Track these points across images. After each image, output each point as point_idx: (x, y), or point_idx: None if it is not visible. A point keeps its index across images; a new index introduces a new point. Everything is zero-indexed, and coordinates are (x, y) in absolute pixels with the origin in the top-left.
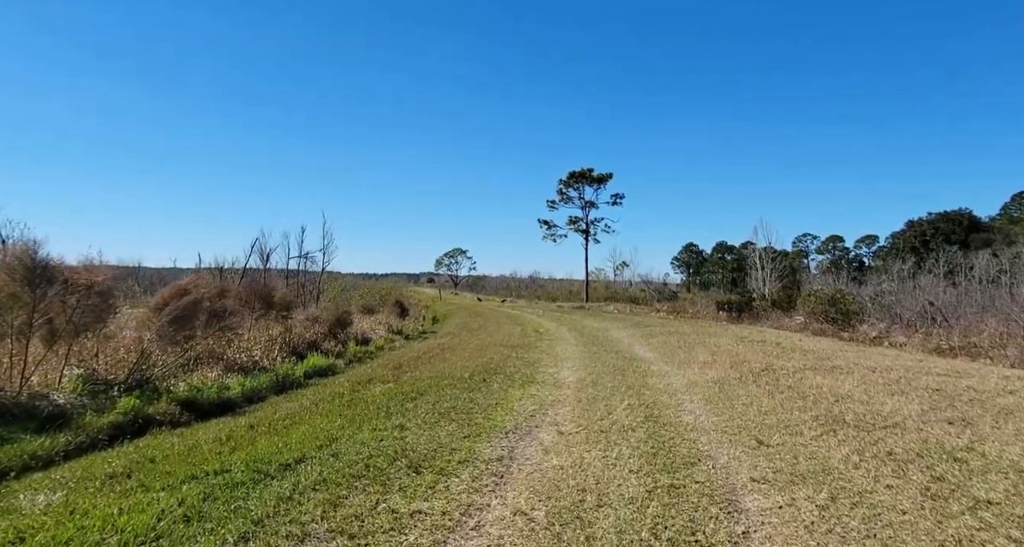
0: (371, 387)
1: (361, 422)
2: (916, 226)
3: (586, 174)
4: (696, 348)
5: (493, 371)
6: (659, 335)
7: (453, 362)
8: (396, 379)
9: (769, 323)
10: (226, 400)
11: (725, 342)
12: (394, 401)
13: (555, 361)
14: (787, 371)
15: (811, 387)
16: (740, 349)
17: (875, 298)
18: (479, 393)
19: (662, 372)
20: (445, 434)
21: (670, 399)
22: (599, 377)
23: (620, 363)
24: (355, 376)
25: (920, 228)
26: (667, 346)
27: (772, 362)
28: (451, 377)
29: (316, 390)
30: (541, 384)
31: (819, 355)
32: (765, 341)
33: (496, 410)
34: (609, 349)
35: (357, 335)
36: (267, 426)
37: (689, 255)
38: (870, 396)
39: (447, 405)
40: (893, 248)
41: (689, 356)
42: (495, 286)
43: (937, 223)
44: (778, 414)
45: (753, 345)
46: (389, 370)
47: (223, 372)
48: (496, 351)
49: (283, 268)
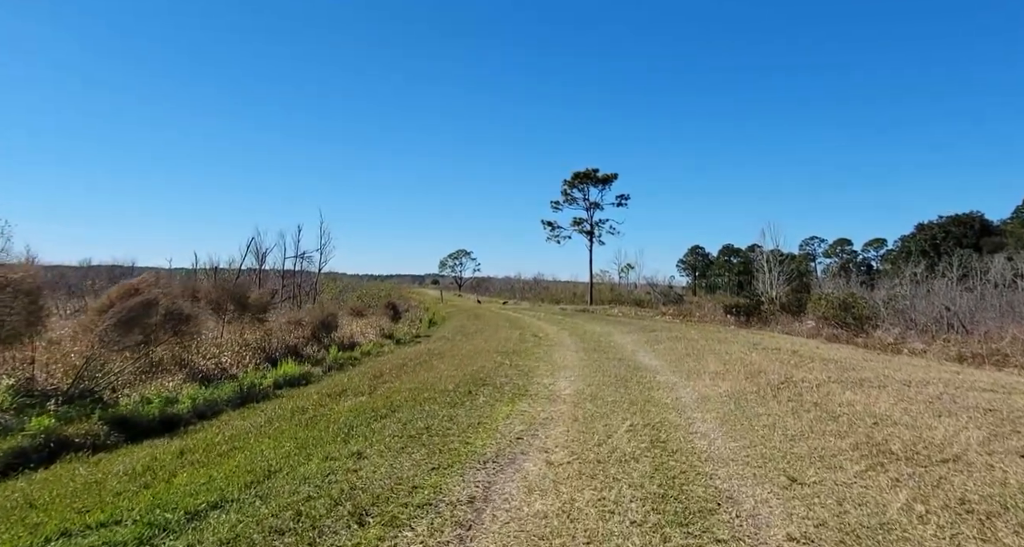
0: (341, 401)
1: (313, 448)
2: (926, 229)
3: (591, 175)
4: (706, 356)
5: (482, 382)
6: (665, 341)
7: (440, 371)
8: (371, 391)
9: (779, 328)
10: (171, 416)
11: (737, 349)
12: (361, 419)
13: (552, 370)
14: (810, 384)
15: (841, 405)
16: (754, 357)
17: (889, 302)
18: (461, 409)
19: (669, 384)
20: (410, 464)
21: (679, 418)
22: (599, 389)
23: (623, 373)
24: (328, 387)
25: (930, 231)
26: (674, 353)
27: (792, 373)
28: (433, 389)
29: (279, 404)
30: (534, 398)
31: (842, 365)
32: (780, 348)
33: (477, 431)
34: (612, 356)
35: (343, 339)
36: (201, 452)
37: (695, 258)
38: (913, 418)
39: (421, 425)
40: (902, 251)
41: (699, 365)
42: (499, 288)
43: (948, 226)
44: (808, 440)
45: (767, 353)
46: (367, 380)
47: (184, 381)
48: (489, 358)
49: (287, 269)
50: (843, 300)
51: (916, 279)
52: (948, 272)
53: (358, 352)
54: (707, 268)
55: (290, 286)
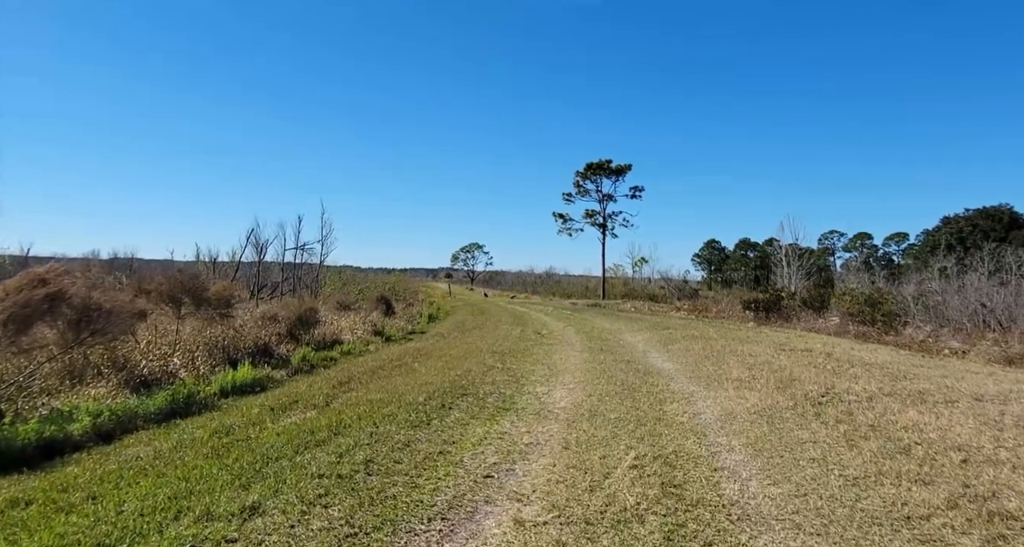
0: (282, 417)
1: (197, 497)
2: (952, 222)
3: (604, 166)
4: (727, 358)
5: (462, 391)
6: (680, 340)
7: (418, 376)
8: (326, 403)
9: (802, 325)
10: (53, 440)
11: (761, 350)
12: (290, 447)
13: (549, 375)
14: (858, 398)
15: (907, 429)
16: (783, 361)
17: (918, 298)
18: (425, 430)
19: (685, 394)
20: (318, 528)
21: (699, 445)
22: (601, 402)
23: (631, 379)
24: (279, 397)
25: (957, 224)
26: (691, 355)
27: (832, 382)
28: (400, 402)
29: (210, 419)
30: (520, 413)
31: (889, 372)
32: (811, 350)
33: (435, 466)
34: (620, 357)
35: (325, 337)
36: (37, 506)
37: (711, 252)
38: (1016, 453)
39: (362, 456)
40: (926, 245)
41: (719, 370)
42: (511, 282)
43: (975, 219)
44: (879, 486)
45: (797, 355)
46: (328, 388)
47: (118, 388)
48: (480, 359)
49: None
50: (869, 296)
51: (946, 274)
52: (979, 266)
53: (337, 351)
54: (723, 262)
55: (291, 279)
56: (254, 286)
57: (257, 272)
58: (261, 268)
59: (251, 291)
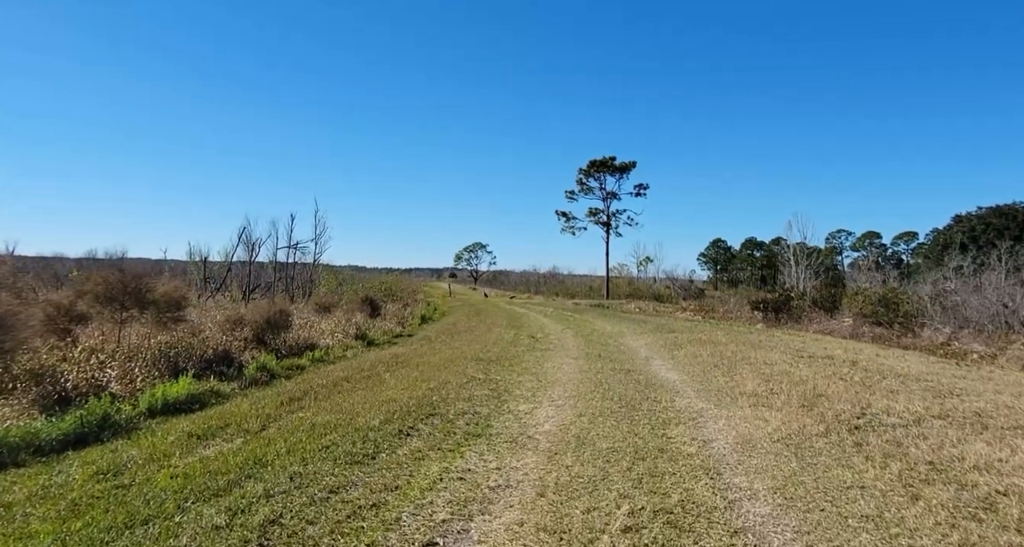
0: (197, 448)
1: None
2: (965, 221)
3: (607, 163)
4: (739, 367)
5: (430, 410)
6: (687, 345)
7: (385, 390)
8: (261, 428)
9: (814, 326)
10: None
11: (777, 357)
12: (176, 498)
13: (537, 388)
14: (903, 422)
15: (980, 471)
16: (803, 371)
17: (935, 298)
18: (366, 468)
19: (693, 413)
20: None
21: (712, 492)
22: (593, 425)
23: (631, 393)
24: (210, 418)
25: (969, 223)
26: (698, 363)
27: (866, 400)
28: (350, 426)
29: (109, 451)
30: (492, 441)
31: (931, 386)
32: (832, 357)
33: (359, 528)
34: (619, 366)
35: (298, 341)
36: None
37: (717, 251)
38: None
39: (265, 513)
40: (937, 244)
41: (731, 381)
42: (515, 282)
43: (988, 218)
44: None
45: (817, 363)
46: (274, 406)
47: (31, 405)
48: (462, 368)
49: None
50: (883, 296)
51: (962, 273)
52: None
53: (307, 358)
54: (729, 262)
55: (284, 279)
56: (246, 286)
57: (248, 272)
58: (253, 268)
59: (243, 292)
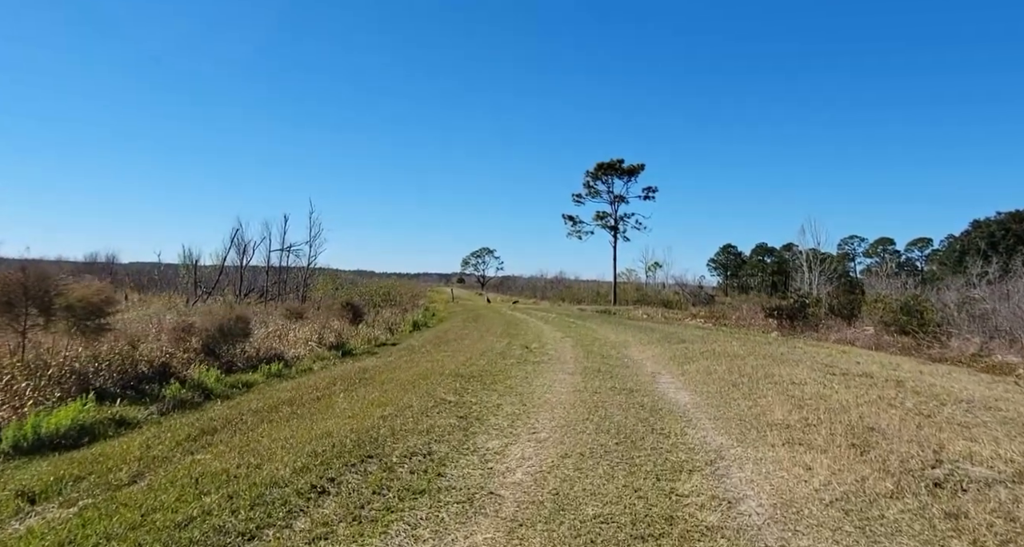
0: (8, 523)
1: None
2: (983, 226)
3: (615, 165)
4: (762, 387)
5: (371, 450)
6: (699, 358)
7: (327, 418)
8: (132, 481)
9: (834, 335)
10: None
11: (805, 375)
12: None
13: (517, 415)
14: (1001, 477)
15: None
16: (841, 393)
17: (962, 306)
18: None
19: (711, 453)
20: None
21: None
22: (578, 474)
23: (632, 423)
24: (77, 463)
25: (988, 228)
26: (713, 380)
27: (937, 439)
28: (250, 479)
29: None
30: (436, 503)
31: (1009, 418)
32: (870, 375)
33: None
34: (621, 384)
35: (259, 353)
36: None
37: (727, 257)
38: None
39: None
40: (953, 250)
41: (755, 406)
42: (522, 287)
43: (1007, 223)
44: None
45: (855, 383)
46: (171, 445)
47: None
48: (432, 388)
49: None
50: (905, 303)
51: (988, 279)
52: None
53: (262, 373)
54: (739, 268)
55: (279, 283)
56: (239, 291)
57: (240, 275)
58: (248, 272)
59: (237, 296)
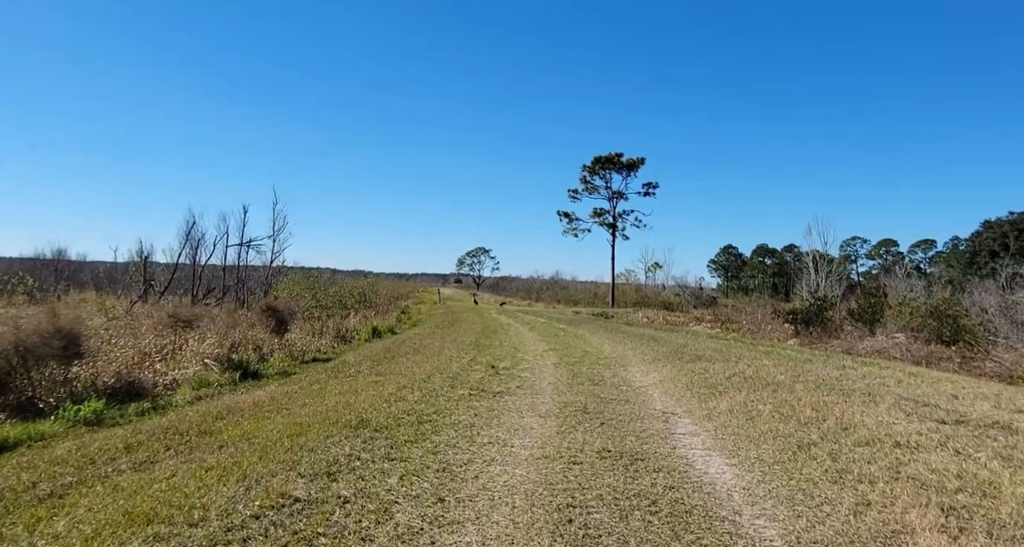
0: None
1: None
2: (995, 227)
3: (614, 159)
4: (845, 446)
5: None
6: (728, 387)
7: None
8: None
9: (862, 345)
10: None
11: (903, 424)
12: None
13: (408, 539)
14: None
15: None
16: (999, 472)
17: (1006, 311)
18: None
19: None
20: None
21: None
22: None
23: None
24: None
25: (999, 229)
26: (761, 433)
27: None
28: None
29: None
30: None
31: None
32: (1003, 425)
33: None
34: (617, 445)
35: (94, 379)
36: None
37: (727, 258)
38: None
39: None
40: (965, 252)
41: (867, 506)
42: (517, 288)
43: (1020, 223)
44: None
45: (992, 444)
46: None
47: None
48: (293, 460)
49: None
50: (935, 307)
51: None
52: None
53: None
54: (740, 269)
55: (239, 282)
56: (195, 290)
57: (193, 273)
58: (205, 270)
59: (192, 297)
